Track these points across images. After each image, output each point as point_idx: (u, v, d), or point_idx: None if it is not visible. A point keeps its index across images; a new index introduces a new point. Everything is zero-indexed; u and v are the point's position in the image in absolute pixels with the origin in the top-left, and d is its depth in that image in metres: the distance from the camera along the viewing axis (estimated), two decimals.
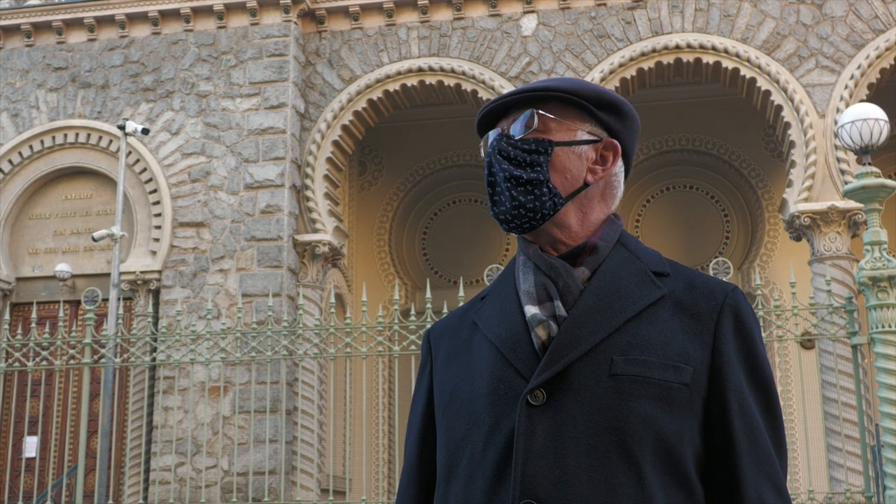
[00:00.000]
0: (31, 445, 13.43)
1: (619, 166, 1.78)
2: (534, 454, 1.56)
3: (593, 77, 14.18)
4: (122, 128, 12.77)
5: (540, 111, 1.73)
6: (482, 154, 1.81)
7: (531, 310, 1.65)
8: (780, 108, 13.98)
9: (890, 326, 7.98)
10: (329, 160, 15.06)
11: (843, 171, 13.50)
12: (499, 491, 1.57)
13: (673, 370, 1.59)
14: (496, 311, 1.73)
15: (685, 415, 1.59)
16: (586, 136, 1.75)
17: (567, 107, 1.74)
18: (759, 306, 9.04)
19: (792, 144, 13.89)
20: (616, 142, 1.77)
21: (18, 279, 15.26)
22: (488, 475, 1.59)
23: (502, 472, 1.58)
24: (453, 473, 1.66)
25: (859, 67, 13.81)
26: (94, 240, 12.46)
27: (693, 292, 1.67)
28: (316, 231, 14.74)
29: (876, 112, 9.11)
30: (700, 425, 1.61)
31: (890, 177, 14.78)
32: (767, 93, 14.07)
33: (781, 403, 1.73)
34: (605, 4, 14.62)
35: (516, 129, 1.73)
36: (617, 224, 1.76)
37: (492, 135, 1.75)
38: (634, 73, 14.42)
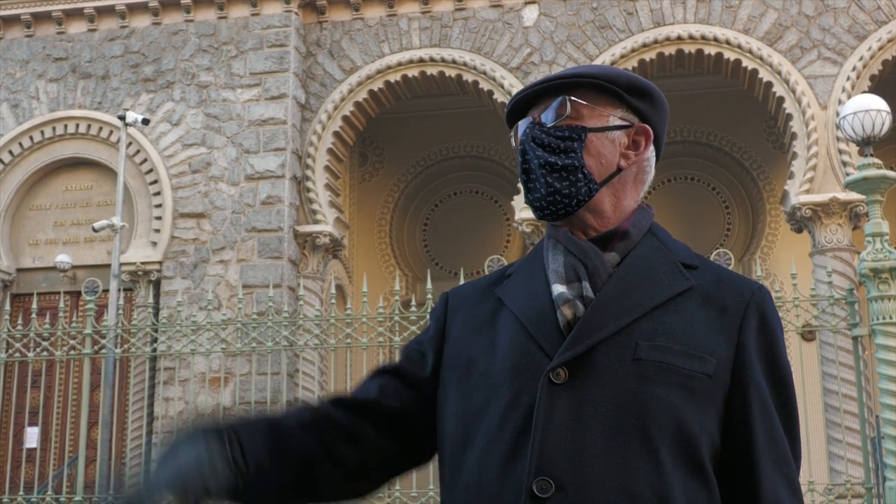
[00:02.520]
0: (31, 436, 13.43)
1: (651, 151, 1.79)
2: (552, 432, 1.55)
3: None
4: (122, 118, 12.76)
5: (572, 98, 1.74)
6: (513, 144, 1.81)
7: (558, 288, 1.66)
8: (781, 99, 13.96)
9: (891, 318, 7.97)
10: (330, 151, 15.05)
11: (844, 163, 13.48)
12: (513, 466, 1.57)
13: (697, 360, 1.59)
14: (523, 288, 1.73)
15: (706, 405, 1.59)
16: (618, 122, 1.75)
17: (599, 93, 1.75)
18: None
19: (793, 136, 13.87)
20: (648, 127, 1.77)
21: (19, 270, 15.26)
22: (504, 449, 1.59)
23: (518, 447, 1.57)
24: (468, 444, 1.65)
25: (861, 59, 13.78)
26: (94, 230, 12.46)
27: (721, 287, 1.67)
28: (317, 222, 14.73)
29: (878, 103, 9.09)
30: (719, 418, 1.61)
31: (892, 168, 14.75)
32: (769, 84, 14.04)
33: None
34: None
35: (548, 116, 1.74)
36: (649, 213, 1.77)
37: (523, 123, 1.76)
38: (636, 65, 14.38)
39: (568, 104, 1.73)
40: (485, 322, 1.75)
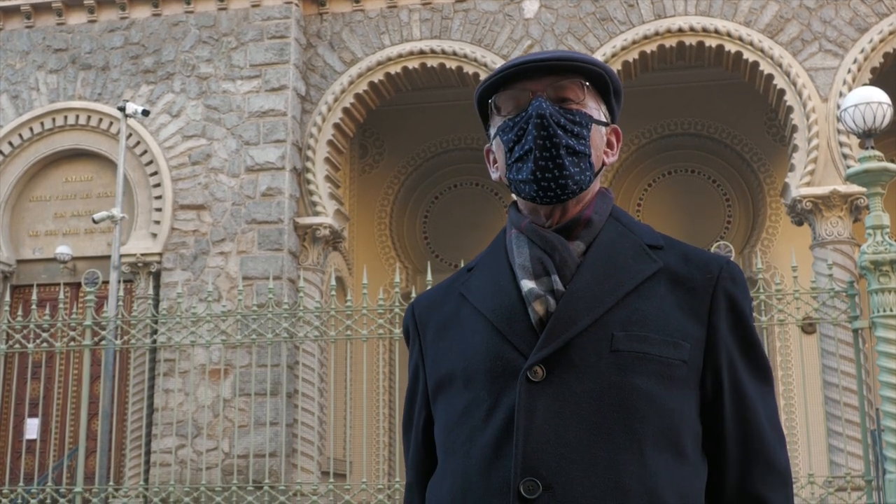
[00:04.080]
0: (31, 427, 13.44)
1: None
2: (535, 431, 1.54)
3: None
4: (122, 109, 12.74)
5: (587, 84, 1.70)
6: (495, 110, 1.75)
7: (528, 284, 1.62)
8: (782, 92, 13.94)
9: (891, 310, 7.98)
10: (330, 143, 15.03)
11: (845, 156, 13.46)
12: (497, 468, 1.55)
13: (672, 346, 1.58)
14: (488, 285, 1.69)
15: (684, 392, 1.59)
16: (603, 118, 1.74)
17: (595, 85, 1.73)
18: (761, 290, 9.03)
19: (794, 128, 13.85)
20: (619, 129, 1.78)
21: (19, 261, 15.25)
22: (487, 452, 1.57)
23: (501, 449, 1.56)
24: (450, 451, 1.64)
25: (862, 51, 13.75)
26: (94, 222, 12.45)
27: (688, 265, 1.66)
28: (317, 214, 14.72)
29: (879, 96, 9.08)
30: (697, 403, 1.61)
31: (892, 161, 14.75)
32: (770, 77, 14.02)
33: (782, 388, 1.74)
34: None
35: (555, 96, 1.69)
36: (609, 197, 1.74)
37: (539, 97, 1.67)
38: (637, 57, 14.36)
39: (585, 90, 1.70)
40: (450, 323, 1.72)
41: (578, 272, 1.62)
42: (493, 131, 1.77)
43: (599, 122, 1.72)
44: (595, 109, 1.72)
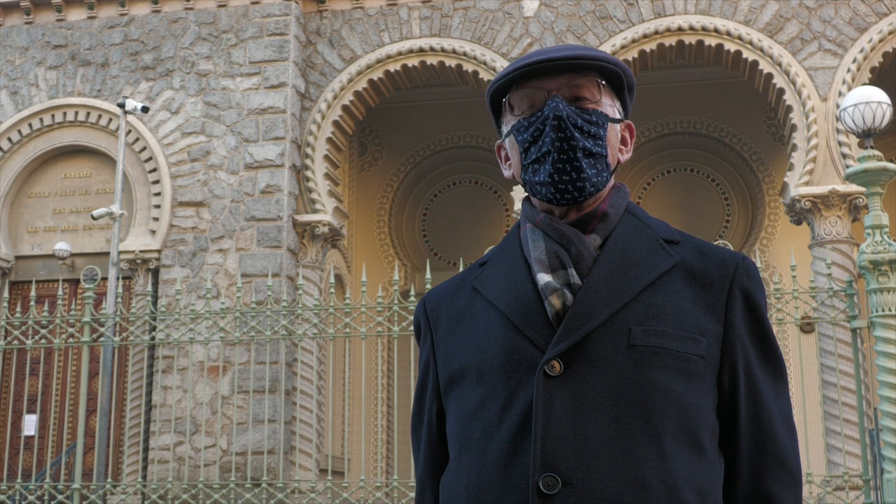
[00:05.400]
0: (30, 424, 13.44)
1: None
2: (553, 426, 1.52)
3: None
4: (121, 106, 12.75)
5: (603, 83, 1.68)
6: (511, 111, 1.71)
7: (544, 278, 1.61)
8: (782, 91, 13.94)
9: (890, 310, 7.98)
10: (329, 140, 15.02)
11: (844, 155, 13.47)
12: (514, 464, 1.54)
13: (690, 341, 1.57)
14: (503, 278, 1.67)
15: (701, 387, 1.58)
16: (617, 115, 1.72)
17: (610, 82, 1.71)
18: None
19: (793, 128, 13.86)
20: (632, 124, 1.76)
21: (17, 257, 15.24)
22: (503, 448, 1.56)
23: (518, 444, 1.55)
24: (465, 446, 1.62)
25: (862, 51, 13.75)
26: (93, 218, 12.45)
27: (704, 260, 1.65)
28: (316, 211, 14.71)
29: (879, 95, 9.08)
30: (714, 398, 1.60)
31: (892, 160, 14.75)
32: (769, 76, 14.02)
33: None
34: None
35: (569, 94, 1.66)
36: (624, 192, 1.73)
37: (556, 98, 1.64)
38: (636, 55, 14.36)
39: (601, 88, 1.68)
40: (463, 317, 1.70)
41: (595, 266, 1.61)
42: (505, 129, 1.74)
43: (614, 120, 1.70)
44: (610, 107, 1.70)
